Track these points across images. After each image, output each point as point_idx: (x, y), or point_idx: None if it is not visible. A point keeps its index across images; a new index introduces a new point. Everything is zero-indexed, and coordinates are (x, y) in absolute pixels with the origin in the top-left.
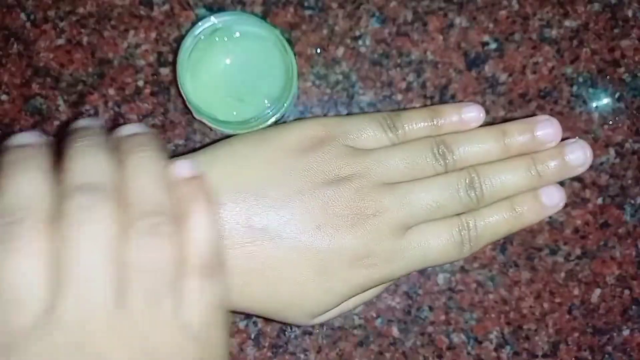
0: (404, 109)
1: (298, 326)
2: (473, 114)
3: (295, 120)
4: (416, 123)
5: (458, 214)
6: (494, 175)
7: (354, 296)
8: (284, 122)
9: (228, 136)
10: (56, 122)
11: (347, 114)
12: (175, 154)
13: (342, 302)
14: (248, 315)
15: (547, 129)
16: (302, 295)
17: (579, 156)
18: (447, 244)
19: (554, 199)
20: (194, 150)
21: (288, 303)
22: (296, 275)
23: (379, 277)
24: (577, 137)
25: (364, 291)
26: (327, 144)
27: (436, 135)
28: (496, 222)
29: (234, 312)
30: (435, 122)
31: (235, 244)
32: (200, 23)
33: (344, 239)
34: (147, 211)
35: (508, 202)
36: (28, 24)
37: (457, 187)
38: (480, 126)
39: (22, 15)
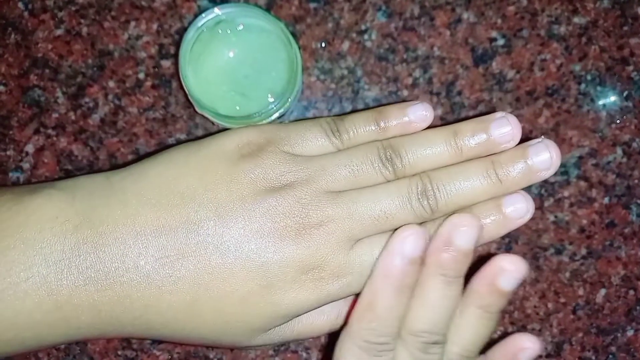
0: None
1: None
2: (419, 112)
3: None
4: (361, 127)
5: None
6: (448, 181)
7: (303, 314)
8: (287, 118)
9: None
10: (55, 115)
11: (304, 119)
12: None
13: (290, 320)
14: None
15: (502, 127)
16: (247, 309)
17: (544, 159)
18: None
19: (519, 210)
20: None
21: (234, 320)
22: (240, 287)
23: (327, 294)
24: (542, 137)
25: (314, 308)
26: (267, 151)
27: (383, 139)
28: None
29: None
30: (381, 125)
31: (179, 255)
32: (203, 15)
33: (288, 249)
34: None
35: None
36: (26, 14)
37: (409, 195)
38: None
39: (20, 5)
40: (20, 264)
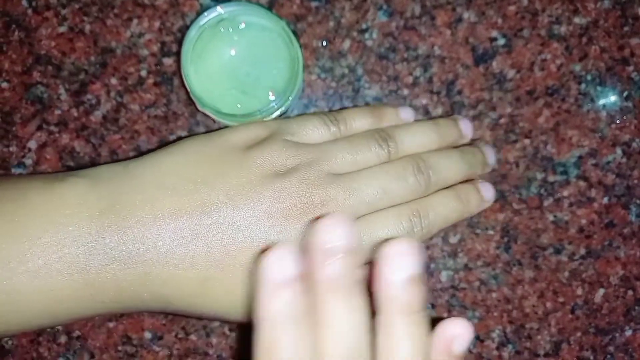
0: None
1: None
2: (408, 113)
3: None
4: (357, 118)
5: (406, 203)
6: (437, 161)
7: None
8: (288, 115)
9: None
10: (57, 112)
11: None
12: None
13: None
14: None
15: (467, 124)
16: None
17: (492, 155)
18: (395, 234)
19: (489, 194)
20: None
21: (242, 295)
22: (249, 264)
23: None
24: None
25: None
26: (272, 140)
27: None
28: (446, 209)
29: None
30: (375, 117)
31: (194, 235)
32: (205, 13)
33: (293, 228)
34: None
35: (453, 191)
36: (30, 11)
37: (404, 172)
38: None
39: (24, 2)
40: (53, 246)
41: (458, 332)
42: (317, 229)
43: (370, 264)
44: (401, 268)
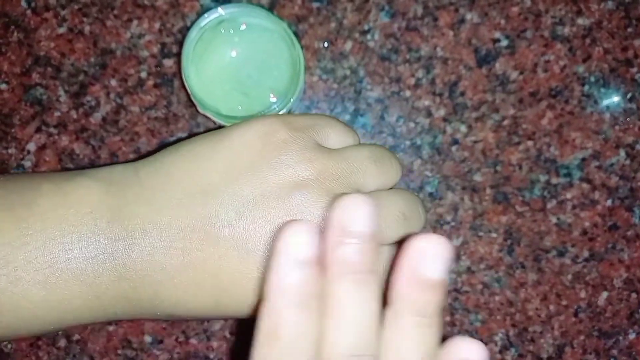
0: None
1: None
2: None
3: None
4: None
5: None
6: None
7: None
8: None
9: None
10: (57, 113)
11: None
12: None
13: None
14: None
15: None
16: None
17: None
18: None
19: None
20: None
21: (254, 303)
22: (257, 293)
23: None
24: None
25: None
26: (292, 140)
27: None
28: None
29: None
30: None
31: (201, 258)
32: (206, 15)
33: None
34: None
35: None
36: (29, 12)
37: (418, 203)
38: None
39: (23, 3)
40: (61, 255)
41: (471, 357)
42: (336, 207)
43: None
44: (431, 267)
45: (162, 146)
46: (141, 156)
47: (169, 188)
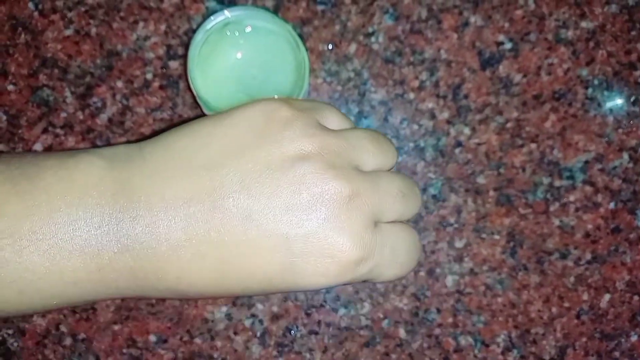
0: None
1: (304, 325)
2: None
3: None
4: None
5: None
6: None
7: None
8: None
9: None
10: (63, 114)
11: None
12: None
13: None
14: (253, 314)
15: None
16: (269, 286)
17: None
18: (415, 251)
19: None
20: None
21: (258, 290)
22: (263, 265)
23: (351, 278)
24: None
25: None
26: (295, 116)
27: None
28: None
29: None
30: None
31: (205, 230)
32: (212, 17)
33: (315, 222)
34: None
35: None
36: (36, 14)
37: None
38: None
39: (30, 5)
40: (65, 226)
41: None
42: None
43: None
44: None
45: None
46: None
47: (172, 162)
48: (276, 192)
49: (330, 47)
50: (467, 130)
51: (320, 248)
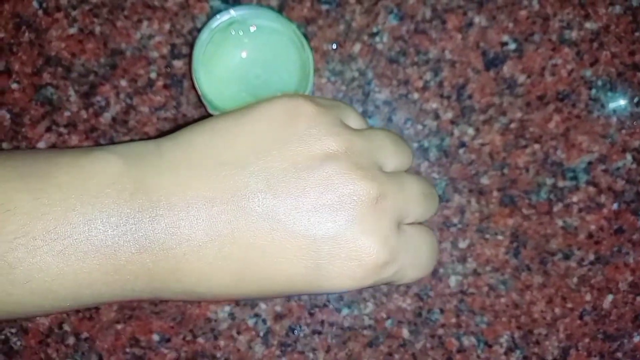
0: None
1: (307, 325)
2: None
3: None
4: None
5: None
6: None
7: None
8: None
9: None
10: (67, 113)
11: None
12: None
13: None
14: (257, 314)
15: None
16: (292, 288)
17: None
18: (433, 253)
19: None
20: None
21: (278, 293)
22: (288, 268)
23: (374, 281)
24: None
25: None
26: (319, 113)
27: None
28: None
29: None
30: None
31: (229, 230)
32: (217, 16)
33: (342, 223)
34: None
35: None
36: (40, 12)
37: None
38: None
39: (35, 3)
40: (81, 226)
41: None
42: None
43: None
44: None
45: None
46: None
47: (192, 161)
48: (303, 193)
49: (334, 46)
50: (471, 131)
51: (348, 250)
